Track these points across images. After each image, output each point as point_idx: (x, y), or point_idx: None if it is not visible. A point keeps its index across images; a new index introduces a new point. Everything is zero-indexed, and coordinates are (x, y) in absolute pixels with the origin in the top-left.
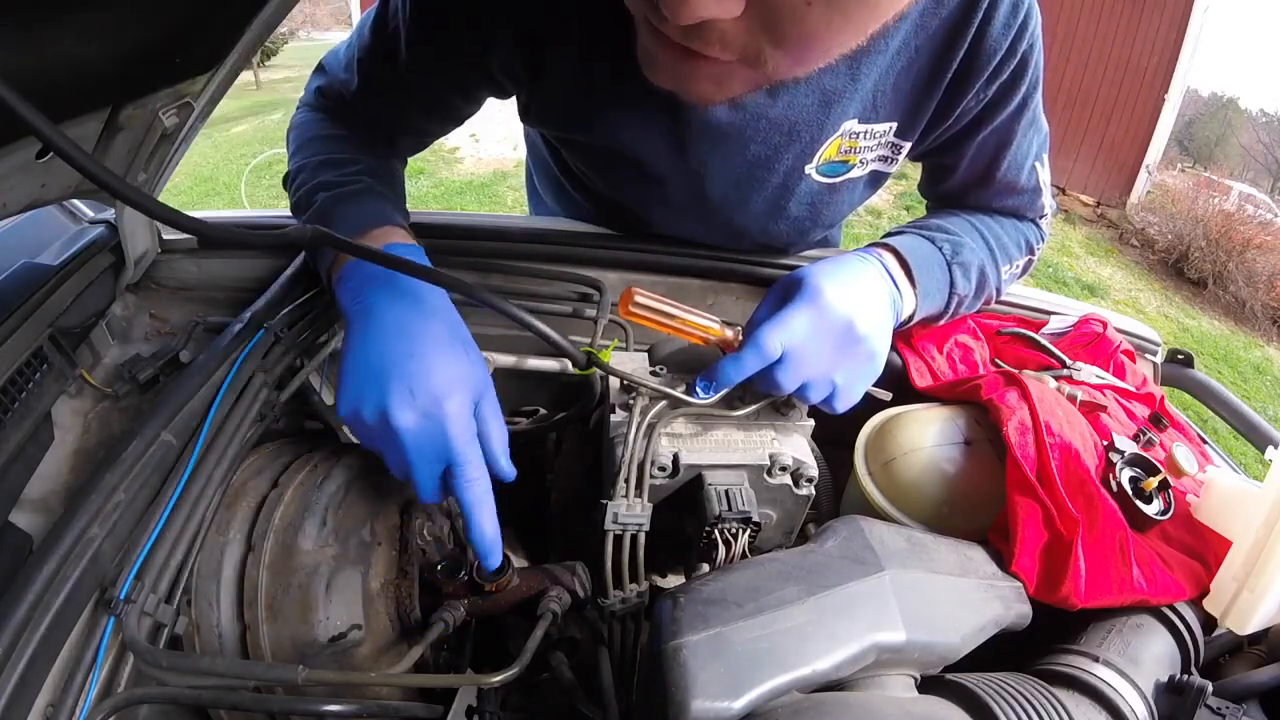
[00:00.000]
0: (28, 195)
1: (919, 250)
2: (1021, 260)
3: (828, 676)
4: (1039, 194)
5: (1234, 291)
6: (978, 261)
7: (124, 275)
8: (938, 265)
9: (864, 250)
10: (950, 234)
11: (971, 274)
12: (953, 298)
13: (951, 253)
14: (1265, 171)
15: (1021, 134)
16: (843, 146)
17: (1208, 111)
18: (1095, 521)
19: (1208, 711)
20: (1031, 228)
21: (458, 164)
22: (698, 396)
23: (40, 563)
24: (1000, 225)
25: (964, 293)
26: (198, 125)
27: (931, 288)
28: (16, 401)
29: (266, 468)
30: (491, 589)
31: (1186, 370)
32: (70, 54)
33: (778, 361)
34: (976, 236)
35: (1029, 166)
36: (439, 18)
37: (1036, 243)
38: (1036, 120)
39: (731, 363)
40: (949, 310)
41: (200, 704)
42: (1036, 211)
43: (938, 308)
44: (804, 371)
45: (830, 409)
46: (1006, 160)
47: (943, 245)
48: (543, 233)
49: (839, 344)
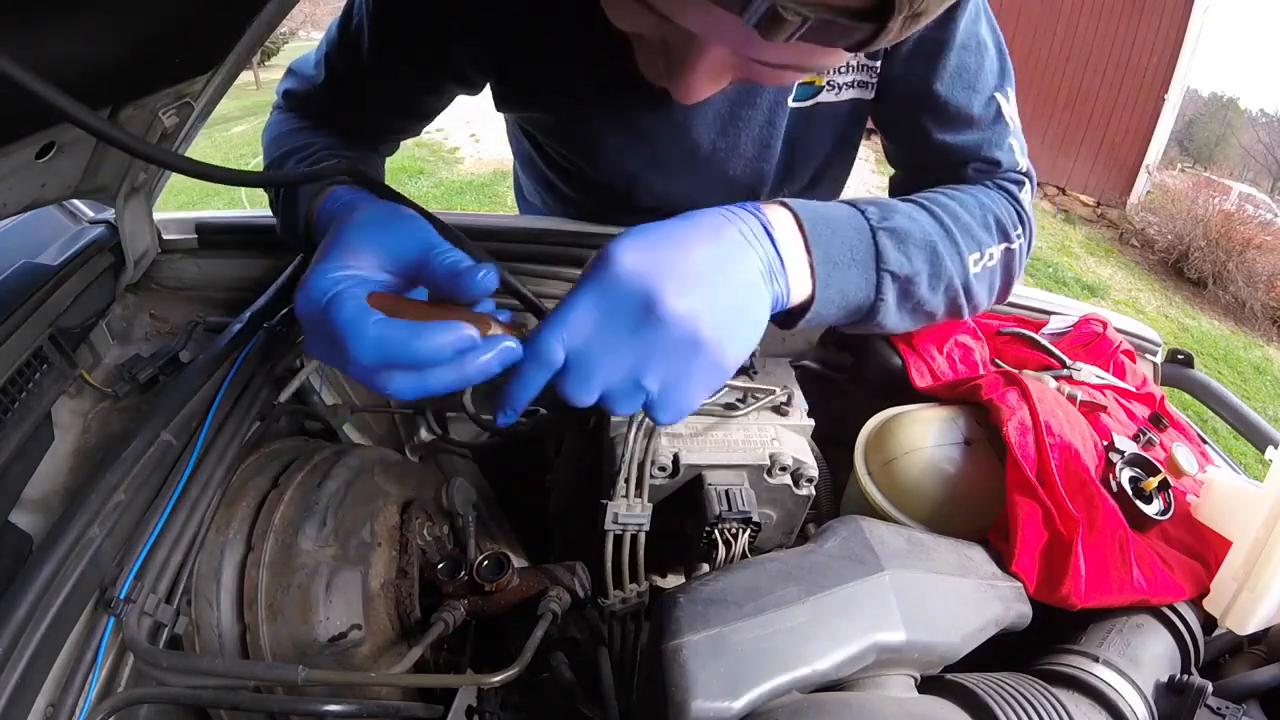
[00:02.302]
0: (28, 195)
1: (825, 210)
2: (996, 247)
3: (828, 676)
4: (1005, 129)
5: (1234, 291)
6: (921, 234)
7: (124, 275)
8: (853, 229)
9: (740, 205)
10: (881, 204)
11: (911, 249)
12: (884, 276)
13: (879, 216)
14: (1265, 171)
15: (959, 44)
16: None
17: (1208, 111)
18: (1095, 521)
19: (1208, 711)
20: (1002, 202)
21: (458, 164)
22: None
23: (40, 563)
24: (959, 201)
25: (903, 270)
26: (198, 125)
27: (840, 254)
28: (16, 401)
29: (266, 468)
30: (491, 589)
31: (1186, 370)
32: (70, 54)
33: (562, 370)
34: (922, 212)
35: (984, 94)
36: (399, 9)
37: (1012, 225)
38: (979, 39)
39: (515, 382)
40: (886, 297)
41: (200, 704)
42: (1006, 154)
43: (861, 289)
44: (597, 378)
45: (655, 420)
46: (946, 72)
47: (866, 209)
48: (542, 233)
49: (635, 331)
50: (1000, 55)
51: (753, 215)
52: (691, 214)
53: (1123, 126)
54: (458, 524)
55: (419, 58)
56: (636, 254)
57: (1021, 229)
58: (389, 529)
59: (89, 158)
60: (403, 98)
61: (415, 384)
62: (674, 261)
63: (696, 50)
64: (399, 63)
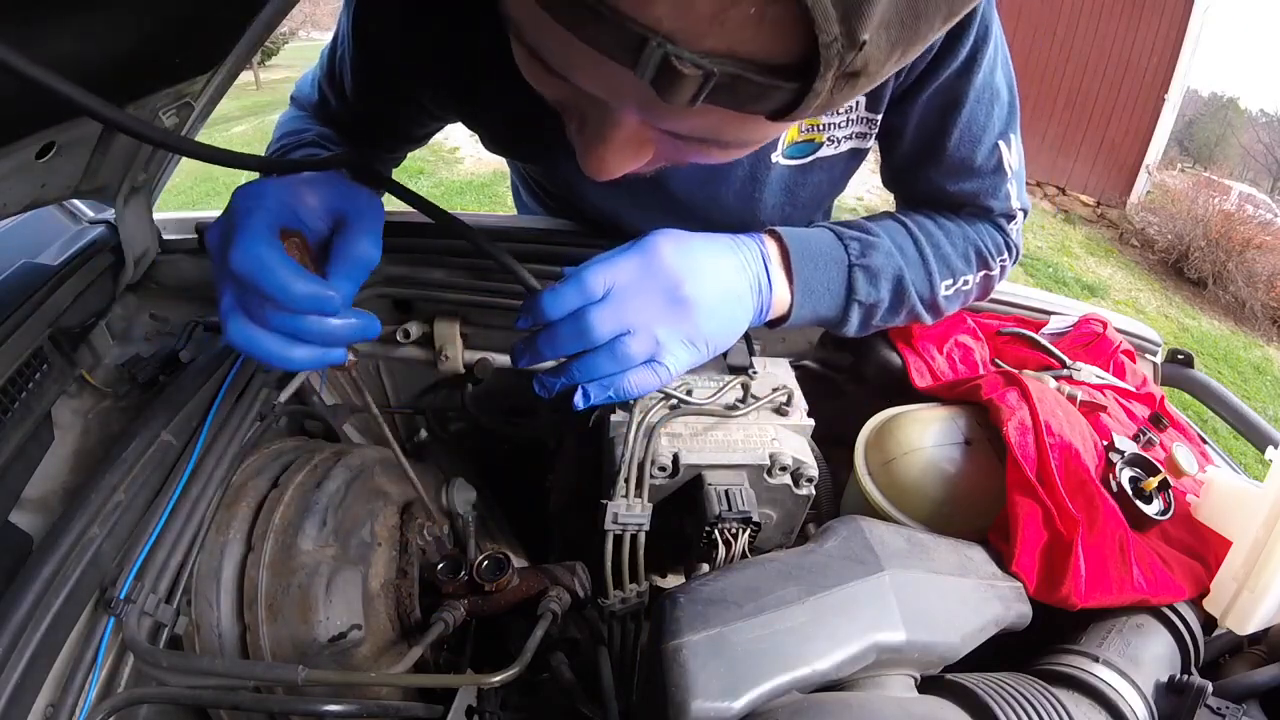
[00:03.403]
0: (28, 195)
1: (813, 244)
2: (973, 275)
3: (828, 676)
4: (1002, 178)
5: (1234, 291)
6: (893, 269)
7: (124, 275)
8: (833, 263)
9: (748, 234)
10: (869, 234)
11: (881, 282)
12: (853, 304)
13: (859, 253)
14: (1265, 171)
15: (973, 99)
16: (803, 127)
17: (1208, 111)
18: (1095, 521)
19: (1208, 711)
20: (989, 233)
21: (458, 164)
22: (519, 326)
23: (40, 563)
24: (945, 231)
25: (870, 300)
26: (198, 125)
27: (817, 285)
28: (16, 401)
29: (266, 468)
30: (491, 589)
31: (1186, 370)
32: (70, 54)
33: (600, 300)
34: (906, 240)
35: (988, 144)
36: (374, 54)
37: (995, 254)
38: (994, 89)
39: (550, 295)
40: (850, 319)
41: (200, 704)
42: (1000, 202)
43: (831, 311)
44: (625, 317)
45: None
46: (956, 129)
47: (850, 243)
48: (542, 233)
49: (666, 300)
50: (1010, 99)
51: (756, 245)
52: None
53: (1123, 126)
54: (458, 524)
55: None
56: (675, 248)
57: (1007, 254)
58: (389, 529)
59: (89, 158)
60: (390, 127)
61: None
62: (700, 263)
63: (609, 121)
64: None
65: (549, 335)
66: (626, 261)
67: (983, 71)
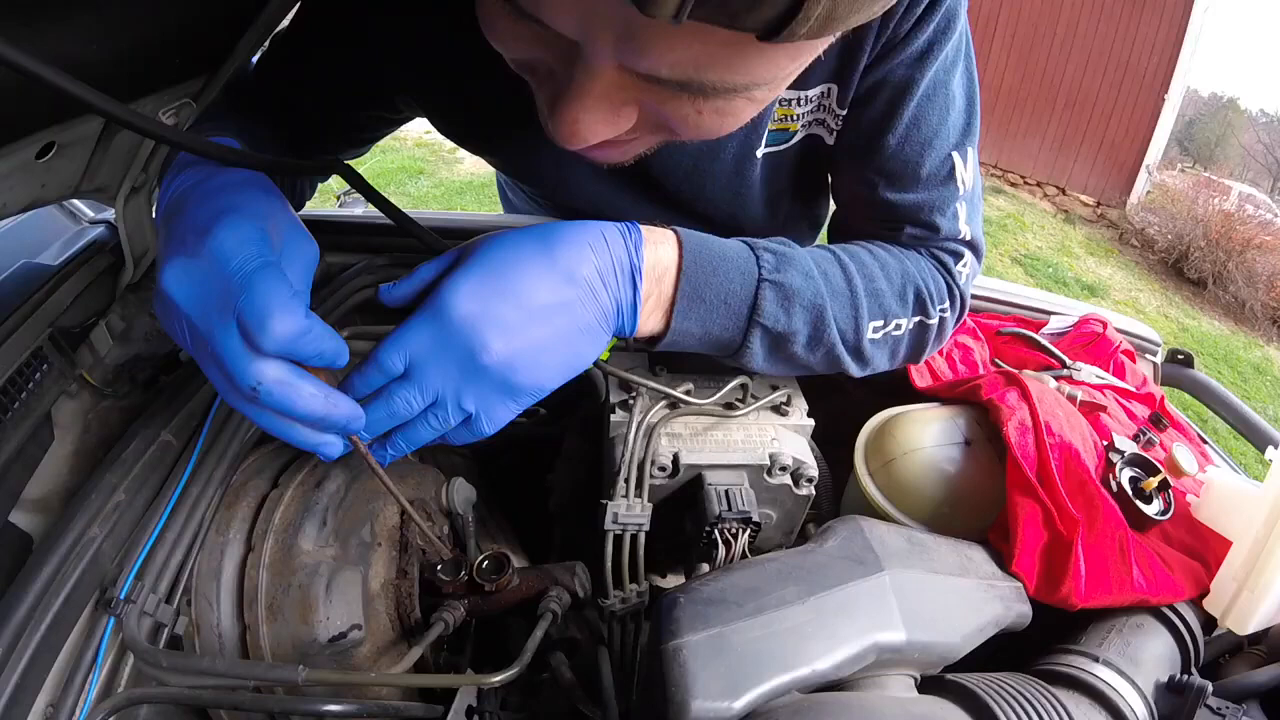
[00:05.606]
0: (28, 195)
1: (714, 249)
2: (907, 320)
3: (828, 676)
4: (952, 194)
5: (1234, 291)
6: (811, 294)
7: (124, 275)
8: (736, 273)
9: (627, 228)
10: (787, 252)
11: (795, 309)
12: (755, 327)
13: (773, 266)
14: (1265, 171)
15: (924, 93)
16: (776, 116)
17: (1208, 111)
18: (1095, 521)
19: (1208, 711)
20: (932, 274)
21: (458, 164)
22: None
23: (40, 563)
24: (880, 263)
25: (778, 326)
26: None
27: (710, 295)
28: (16, 401)
29: (266, 468)
30: (491, 589)
31: (1186, 370)
32: (70, 54)
33: (401, 378)
34: (834, 267)
35: (940, 152)
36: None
37: (935, 299)
38: (949, 92)
39: (358, 375)
40: (751, 345)
41: (200, 704)
42: (948, 221)
43: (726, 331)
44: (430, 389)
45: (474, 435)
46: (902, 123)
47: (762, 254)
48: None
49: (464, 368)
50: (969, 111)
51: (625, 250)
52: (563, 237)
53: (1123, 126)
54: (458, 524)
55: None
56: (469, 304)
57: (949, 304)
58: (389, 529)
59: (89, 158)
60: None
61: None
62: (503, 313)
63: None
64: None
65: (369, 413)
66: (418, 330)
67: (937, 67)
